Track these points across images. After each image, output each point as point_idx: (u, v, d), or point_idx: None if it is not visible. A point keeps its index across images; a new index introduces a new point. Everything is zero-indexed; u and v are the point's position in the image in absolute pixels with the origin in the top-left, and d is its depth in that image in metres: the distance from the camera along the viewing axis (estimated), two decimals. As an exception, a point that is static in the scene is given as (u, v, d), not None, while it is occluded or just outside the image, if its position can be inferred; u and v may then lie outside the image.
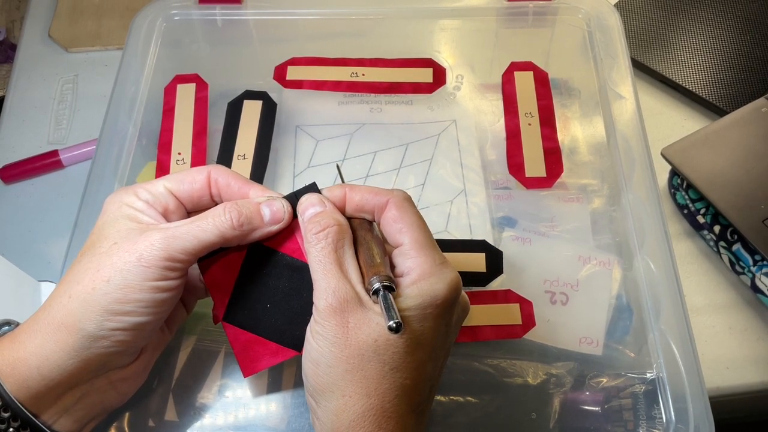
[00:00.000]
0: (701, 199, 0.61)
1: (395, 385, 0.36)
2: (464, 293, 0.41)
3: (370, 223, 0.42)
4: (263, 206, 0.41)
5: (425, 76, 0.63)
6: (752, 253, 0.58)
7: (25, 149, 0.70)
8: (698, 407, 0.45)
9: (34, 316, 0.39)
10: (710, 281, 0.61)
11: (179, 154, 0.58)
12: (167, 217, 0.42)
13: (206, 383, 0.48)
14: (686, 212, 0.63)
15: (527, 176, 0.57)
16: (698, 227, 0.62)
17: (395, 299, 0.37)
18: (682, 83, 0.71)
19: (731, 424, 0.55)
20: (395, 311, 0.36)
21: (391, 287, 0.37)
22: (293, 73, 0.63)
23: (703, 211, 0.61)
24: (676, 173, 0.63)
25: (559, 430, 0.46)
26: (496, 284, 0.51)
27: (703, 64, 0.72)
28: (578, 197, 0.57)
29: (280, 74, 0.63)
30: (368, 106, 0.62)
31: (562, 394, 0.47)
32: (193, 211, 0.43)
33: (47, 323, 0.38)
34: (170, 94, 0.62)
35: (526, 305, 0.50)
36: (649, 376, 0.47)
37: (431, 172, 0.59)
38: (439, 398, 0.47)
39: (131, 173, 0.57)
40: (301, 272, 0.42)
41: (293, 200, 0.42)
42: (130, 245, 0.38)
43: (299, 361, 0.48)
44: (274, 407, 0.47)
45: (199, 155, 0.58)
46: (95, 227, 0.41)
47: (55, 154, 0.68)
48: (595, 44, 0.63)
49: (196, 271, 0.45)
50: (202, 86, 0.62)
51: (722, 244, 0.60)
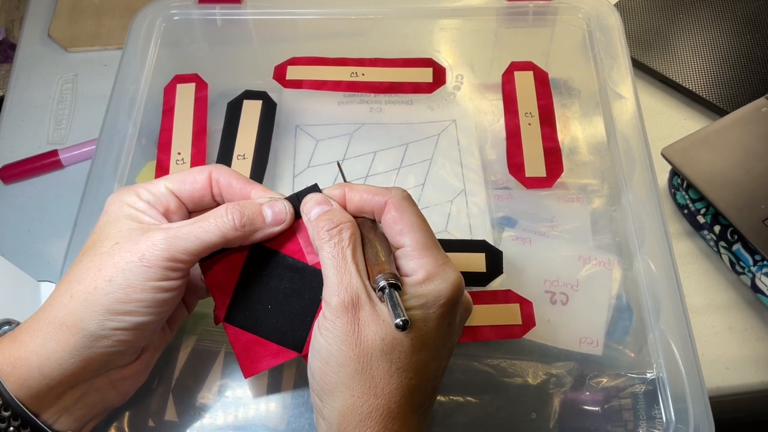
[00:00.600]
0: (701, 199, 0.61)
1: (401, 385, 0.36)
2: (467, 293, 0.41)
3: (372, 221, 0.42)
4: (265, 207, 0.41)
5: (425, 75, 0.63)
6: (752, 253, 0.58)
7: (24, 149, 0.70)
8: (698, 407, 0.45)
9: (34, 315, 0.39)
10: (710, 281, 0.61)
11: (179, 153, 0.58)
12: (168, 217, 0.42)
13: (206, 383, 0.48)
14: (686, 212, 0.63)
15: (527, 176, 0.57)
16: (698, 227, 0.62)
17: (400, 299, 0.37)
18: (682, 83, 0.71)
19: (731, 424, 0.55)
20: (402, 309, 0.36)
21: (397, 285, 0.37)
22: (293, 72, 0.63)
23: (703, 211, 0.61)
24: (676, 173, 0.63)
25: (559, 430, 0.46)
26: (496, 284, 0.51)
27: (703, 64, 0.72)
28: (578, 197, 0.57)
29: (279, 74, 0.63)
30: (368, 106, 0.62)
31: (562, 394, 0.47)
32: (194, 211, 0.43)
33: (48, 323, 0.38)
34: (170, 93, 0.62)
35: (526, 305, 0.50)
36: (649, 376, 0.47)
37: (431, 172, 0.59)
38: (439, 398, 0.47)
39: (131, 173, 0.57)
40: (302, 273, 0.42)
41: (295, 201, 0.42)
42: (132, 245, 0.38)
43: (300, 361, 0.48)
44: (274, 407, 0.47)
45: (198, 155, 0.58)
46: (96, 227, 0.41)
47: (54, 154, 0.68)
48: (595, 44, 0.63)
49: (197, 270, 0.45)
50: (201, 86, 0.62)
51: (722, 244, 0.60)
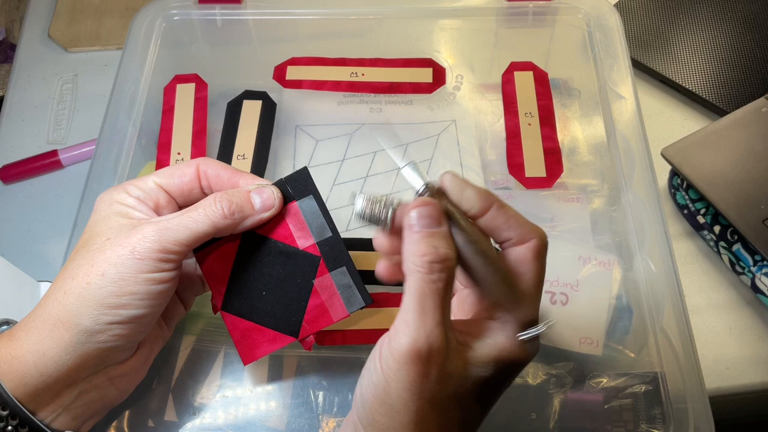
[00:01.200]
0: (701, 199, 0.61)
1: None
2: None
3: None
4: (253, 194, 0.42)
5: (425, 76, 0.63)
6: (752, 253, 0.58)
7: (24, 149, 0.70)
8: (698, 407, 0.45)
9: (30, 313, 0.39)
10: (710, 281, 0.61)
11: (179, 153, 0.58)
12: (159, 212, 0.42)
13: (206, 383, 0.48)
14: (686, 212, 0.63)
15: (527, 176, 0.57)
16: (698, 227, 0.62)
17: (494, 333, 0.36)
18: (682, 83, 0.71)
19: (731, 424, 0.55)
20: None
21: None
22: (293, 73, 0.63)
23: (703, 211, 0.61)
24: (676, 173, 0.63)
25: (559, 430, 0.46)
26: (495, 284, 0.51)
27: (703, 64, 0.72)
28: (578, 197, 0.56)
29: (279, 74, 0.63)
30: (368, 106, 0.62)
31: (562, 394, 0.47)
32: (184, 204, 0.43)
33: (43, 320, 0.38)
34: (170, 93, 0.62)
35: (525, 305, 0.50)
36: (649, 376, 0.47)
37: (431, 172, 0.58)
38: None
39: (131, 173, 0.57)
40: (293, 258, 0.43)
41: (283, 187, 0.43)
42: (123, 239, 0.39)
43: (300, 360, 0.48)
44: (274, 407, 0.47)
45: (198, 155, 0.58)
46: (87, 226, 0.41)
47: (54, 154, 0.68)
48: (595, 44, 0.63)
49: (192, 266, 0.45)
50: (201, 86, 0.62)
51: (722, 244, 0.60)
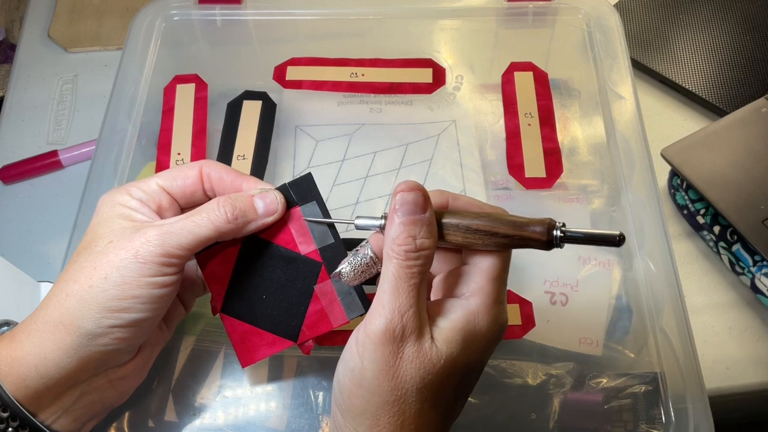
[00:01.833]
0: (701, 199, 0.61)
1: (426, 420, 0.36)
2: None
3: None
4: (257, 199, 0.42)
5: (425, 76, 0.63)
6: (752, 253, 0.58)
7: (24, 149, 0.70)
8: (698, 407, 0.45)
9: (31, 315, 0.39)
10: (710, 281, 0.61)
11: (179, 154, 0.58)
12: (161, 214, 0.42)
13: (206, 383, 0.48)
14: (686, 212, 0.63)
15: (527, 176, 0.57)
16: (698, 227, 0.62)
17: (444, 314, 0.37)
18: (682, 83, 0.71)
19: (731, 424, 0.55)
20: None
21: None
22: (293, 73, 0.63)
23: (703, 211, 0.61)
24: (676, 173, 0.63)
25: (558, 430, 0.46)
26: (495, 284, 0.51)
27: (703, 64, 0.72)
28: (578, 197, 0.56)
29: (279, 74, 0.63)
30: (368, 106, 0.62)
31: (561, 394, 0.47)
32: (186, 207, 0.43)
33: (45, 322, 0.38)
34: (170, 94, 0.62)
35: (525, 306, 0.50)
36: (649, 376, 0.47)
37: (431, 172, 0.58)
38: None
39: (131, 173, 0.57)
40: (295, 263, 0.43)
41: (286, 192, 0.43)
42: (126, 242, 0.38)
43: (300, 360, 0.48)
44: (274, 407, 0.47)
45: (198, 155, 0.58)
46: (89, 228, 0.41)
47: (54, 154, 0.68)
48: (595, 44, 0.63)
49: (193, 268, 0.45)
50: (201, 86, 0.62)
51: (722, 244, 0.60)
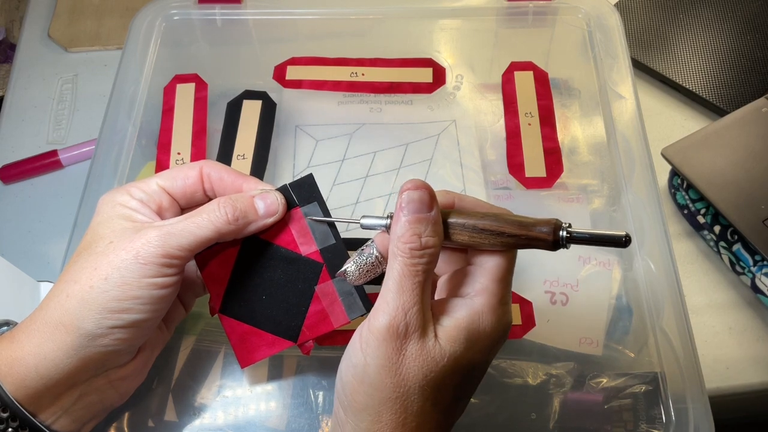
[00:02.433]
0: (701, 199, 0.61)
1: (428, 418, 0.36)
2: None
3: None
4: (257, 199, 0.42)
5: (425, 76, 0.63)
6: (752, 253, 0.58)
7: (24, 149, 0.70)
8: (698, 407, 0.45)
9: (31, 315, 0.39)
10: (710, 281, 0.61)
11: (179, 154, 0.58)
12: (161, 214, 0.42)
13: (206, 383, 0.48)
14: (686, 212, 0.63)
15: (527, 176, 0.57)
16: (698, 227, 0.62)
17: (448, 312, 0.37)
18: (682, 83, 0.71)
19: (731, 424, 0.55)
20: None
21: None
22: (293, 72, 0.63)
23: (703, 211, 0.61)
24: (676, 173, 0.63)
25: (559, 430, 0.46)
26: (495, 284, 0.51)
27: (703, 64, 0.72)
28: (578, 197, 0.56)
29: (279, 74, 0.63)
30: (368, 106, 0.62)
31: (562, 394, 0.47)
32: (186, 207, 0.43)
33: (45, 323, 0.38)
34: (170, 94, 0.62)
35: (525, 305, 0.50)
36: (649, 376, 0.47)
37: (431, 172, 0.58)
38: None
39: (131, 173, 0.57)
40: (295, 264, 0.43)
41: (287, 192, 0.43)
42: (126, 243, 0.38)
43: (300, 360, 0.48)
44: (274, 407, 0.47)
45: (198, 155, 0.58)
46: (89, 228, 0.41)
47: (54, 154, 0.68)
48: (595, 44, 0.63)
49: (193, 268, 0.45)
50: (201, 86, 0.62)
51: (722, 244, 0.60)
